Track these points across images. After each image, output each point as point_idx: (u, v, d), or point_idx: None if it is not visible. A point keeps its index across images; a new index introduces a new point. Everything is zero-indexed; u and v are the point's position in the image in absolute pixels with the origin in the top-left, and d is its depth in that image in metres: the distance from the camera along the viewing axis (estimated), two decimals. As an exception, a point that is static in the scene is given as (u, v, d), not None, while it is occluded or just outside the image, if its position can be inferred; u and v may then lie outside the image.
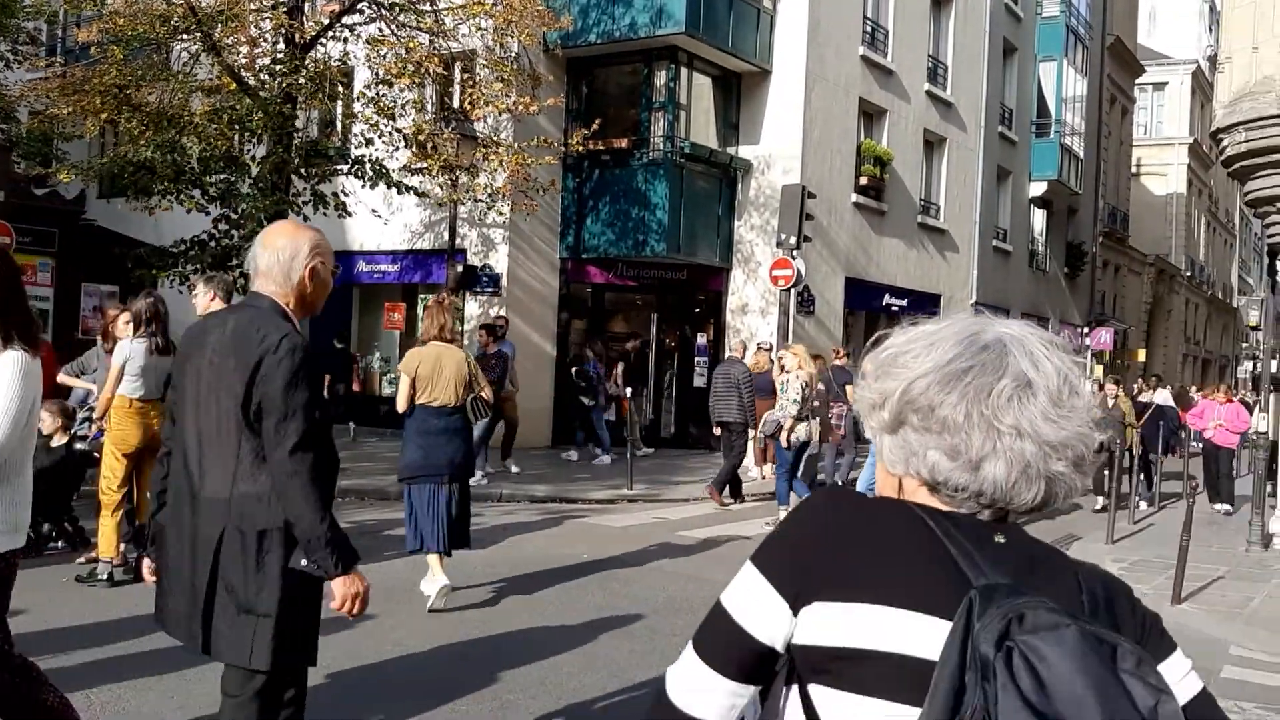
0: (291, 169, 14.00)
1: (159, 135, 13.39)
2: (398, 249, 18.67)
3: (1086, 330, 33.35)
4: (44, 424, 8.34)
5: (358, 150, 14.36)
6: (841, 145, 19.98)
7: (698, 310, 19.78)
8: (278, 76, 13.73)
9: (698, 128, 18.67)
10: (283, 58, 13.87)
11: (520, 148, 14.93)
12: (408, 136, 14.41)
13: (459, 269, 15.74)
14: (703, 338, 19.42)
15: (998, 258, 27.17)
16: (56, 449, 8.23)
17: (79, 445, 8.36)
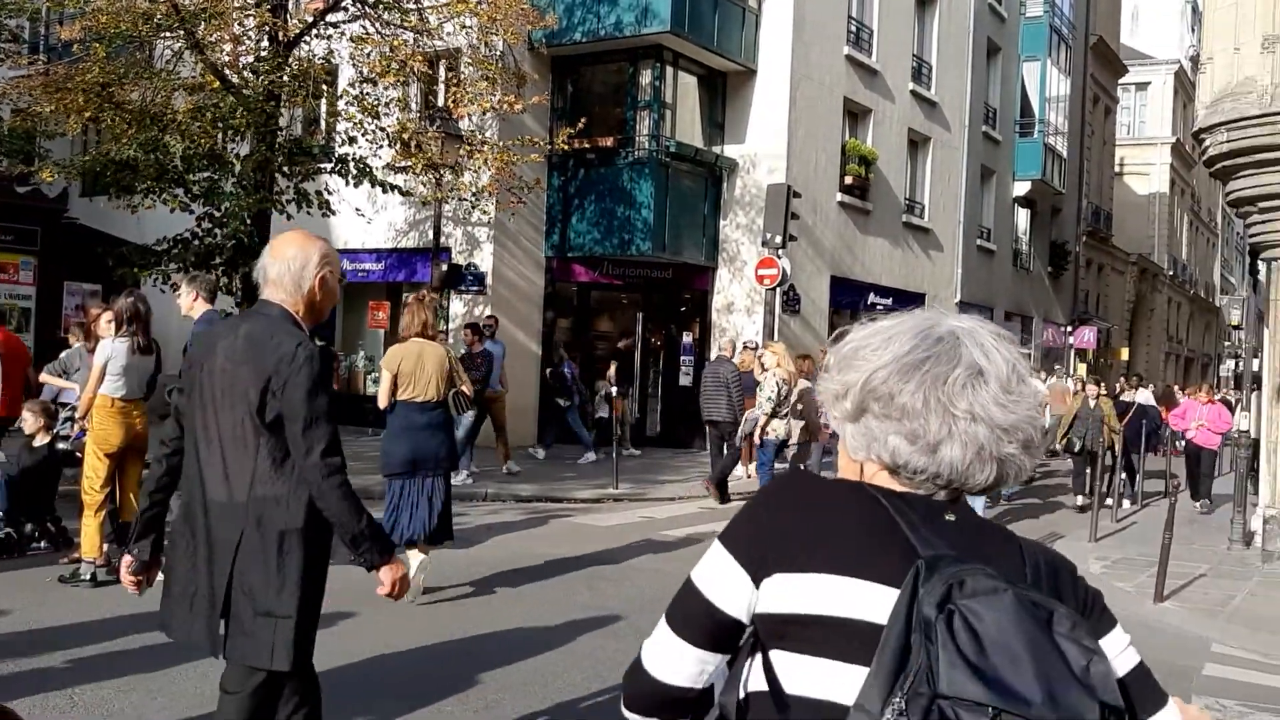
0: (275, 167, 13.94)
1: (142, 133, 13.31)
2: (382, 248, 18.63)
3: (1070, 329, 33.49)
4: (26, 424, 8.32)
5: (342, 149, 14.32)
6: (826, 144, 20.02)
7: (683, 309, 19.80)
8: (261, 74, 13.67)
9: (683, 127, 18.67)
10: (266, 55, 13.82)
11: (505, 146, 14.92)
12: (391, 135, 14.38)
13: (443, 268, 15.71)
14: (688, 337, 19.42)
15: (982, 257, 27.28)
16: (39, 449, 8.20)
17: (61, 445, 8.32)
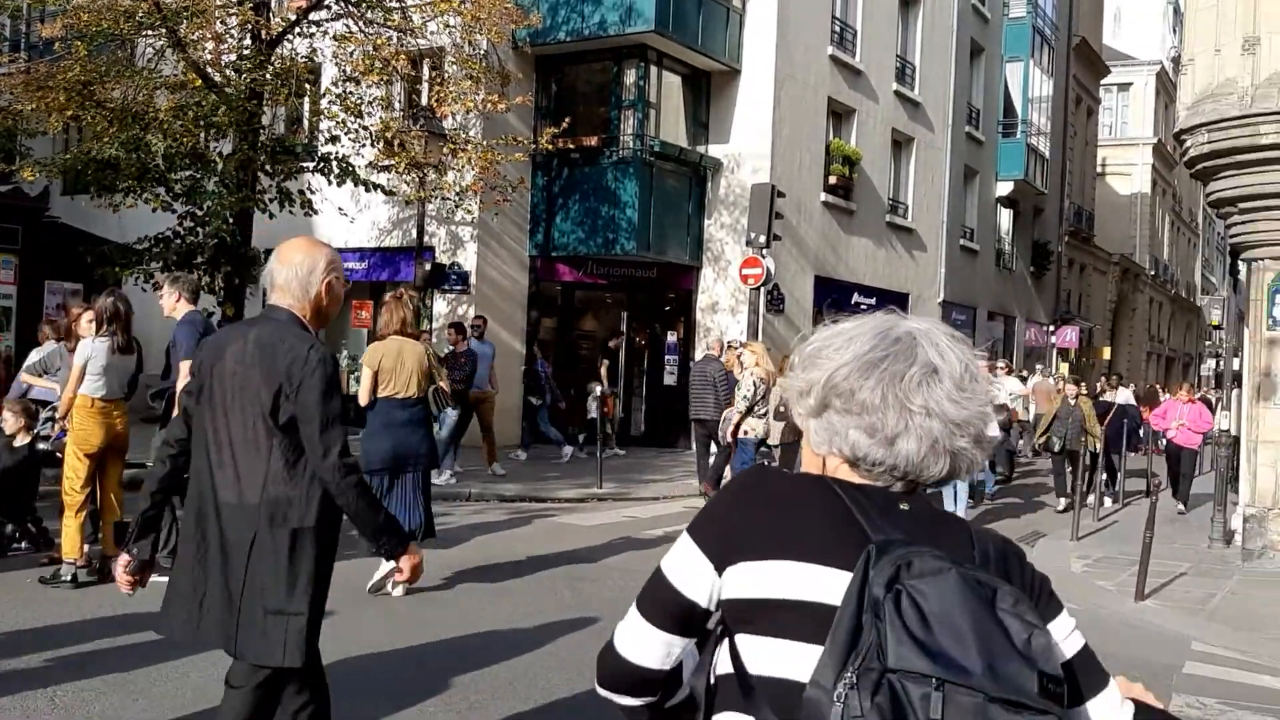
0: (258, 166, 13.89)
1: (124, 132, 13.25)
2: (365, 247, 18.56)
3: (1052, 328, 33.65)
4: (7, 424, 8.25)
5: (325, 148, 14.27)
6: (810, 144, 20.06)
7: (668, 308, 19.82)
8: (244, 73, 13.62)
9: (667, 126, 18.67)
10: (249, 54, 13.78)
11: (489, 145, 14.89)
12: (374, 134, 14.33)
13: (427, 267, 15.67)
14: (673, 336, 19.44)
15: (965, 257, 27.37)
16: (19, 449, 8.14)
17: (41, 445, 8.27)
